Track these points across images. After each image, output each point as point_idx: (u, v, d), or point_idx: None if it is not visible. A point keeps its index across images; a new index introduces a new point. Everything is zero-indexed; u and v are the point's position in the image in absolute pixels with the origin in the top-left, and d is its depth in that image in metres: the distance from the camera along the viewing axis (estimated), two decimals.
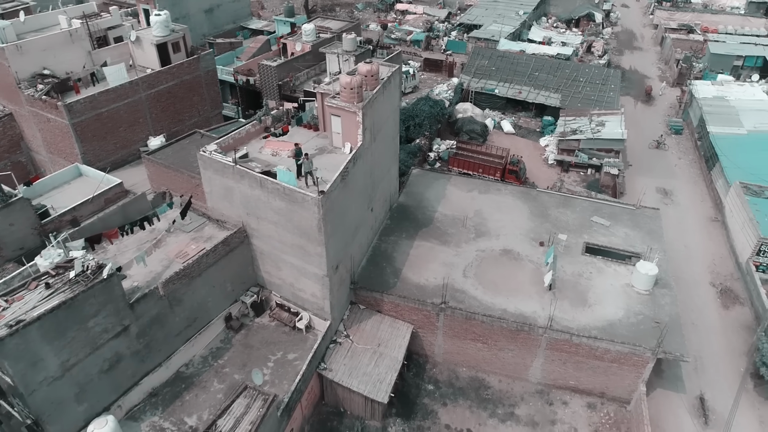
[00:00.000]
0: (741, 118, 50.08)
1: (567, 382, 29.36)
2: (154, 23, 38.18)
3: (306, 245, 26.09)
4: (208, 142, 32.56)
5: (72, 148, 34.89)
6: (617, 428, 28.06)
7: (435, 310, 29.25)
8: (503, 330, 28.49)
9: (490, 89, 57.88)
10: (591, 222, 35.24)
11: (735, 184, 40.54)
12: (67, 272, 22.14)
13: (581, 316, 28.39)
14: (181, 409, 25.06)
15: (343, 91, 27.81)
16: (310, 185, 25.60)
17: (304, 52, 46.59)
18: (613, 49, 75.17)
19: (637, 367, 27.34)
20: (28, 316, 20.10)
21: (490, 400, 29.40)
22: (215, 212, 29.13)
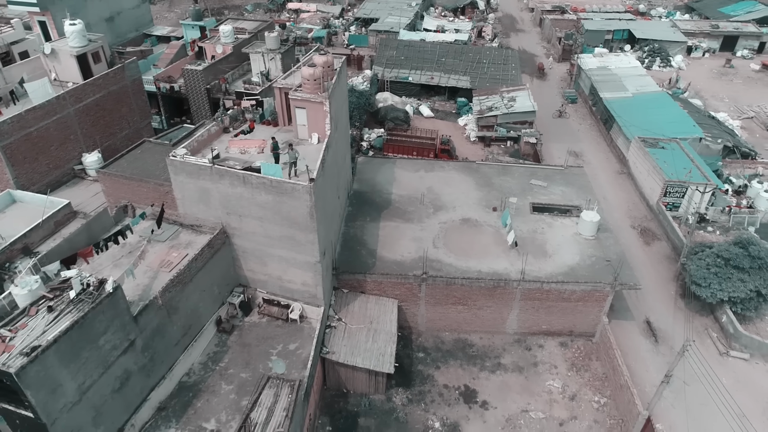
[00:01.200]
0: (625, 83, 57.17)
1: (540, 327, 32.63)
2: (71, 33, 35.86)
3: (296, 235, 26.65)
4: (162, 150, 31.83)
5: (2, 173, 32.00)
6: (589, 358, 31.81)
7: (417, 281, 31.07)
8: (481, 289, 31.03)
9: (404, 77, 60.57)
10: (530, 185, 38.97)
11: (635, 139, 46.59)
12: (66, 293, 21.01)
13: (545, 265, 31.69)
14: (195, 417, 24.68)
15: (306, 83, 28.58)
16: (292, 176, 26.17)
17: (226, 54, 45.89)
18: (500, 33, 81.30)
19: (599, 302, 31.19)
20: (42, 341, 18.98)
21: (477, 356, 31.89)
22: (188, 218, 28.60)
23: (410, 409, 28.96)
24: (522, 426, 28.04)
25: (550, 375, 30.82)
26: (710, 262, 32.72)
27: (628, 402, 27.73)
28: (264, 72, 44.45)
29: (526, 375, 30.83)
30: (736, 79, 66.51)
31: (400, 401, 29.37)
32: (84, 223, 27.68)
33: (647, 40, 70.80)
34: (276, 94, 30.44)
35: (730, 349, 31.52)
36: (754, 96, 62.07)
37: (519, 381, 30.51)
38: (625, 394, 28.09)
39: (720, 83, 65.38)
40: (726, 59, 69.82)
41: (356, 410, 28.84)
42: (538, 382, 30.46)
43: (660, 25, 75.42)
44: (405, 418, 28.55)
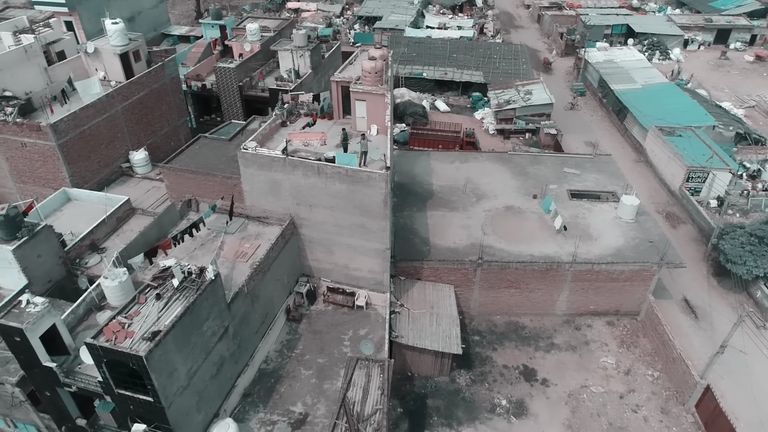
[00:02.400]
0: (633, 76, 59.19)
1: (587, 307, 34.00)
2: (113, 32, 35.98)
3: (367, 223, 27.46)
4: (219, 145, 32.34)
5: (57, 171, 32.07)
6: (636, 336, 33.29)
7: (473, 266, 32.14)
8: (534, 272, 32.24)
9: (418, 73, 61.63)
10: (564, 173, 40.37)
11: (652, 128, 48.43)
12: (168, 281, 21.50)
13: (592, 248, 33.05)
14: (281, 401, 25.35)
15: (367, 76, 29.38)
16: (362, 165, 26.97)
17: (254, 52, 46.32)
18: (501, 29, 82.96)
19: (645, 281, 32.69)
20: (159, 326, 19.50)
21: (530, 337, 33.11)
22: (255, 210, 29.18)
23: (475, 389, 30.00)
24: (585, 400, 29.33)
25: (602, 352, 32.19)
26: (744, 241, 34.50)
27: (683, 374, 29.22)
28: (295, 69, 44.97)
29: (580, 353, 32.15)
30: (732, 70, 69.23)
31: (464, 382, 30.39)
32: (155, 218, 28.07)
33: (646, 34, 73.11)
34: (333, 87, 31.17)
35: (766, 323, 33.27)
36: (751, 86, 64.73)
37: (574, 359, 31.80)
38: (679, 366, 29.59)
39: (718, 74, 67.95)
40: (721, 51, 72.56)
41: (423, 392, 29.76)
42: (591, 359, 31.80)
43: (657, 19, 77.91)
44: (471, 397, 29.57)
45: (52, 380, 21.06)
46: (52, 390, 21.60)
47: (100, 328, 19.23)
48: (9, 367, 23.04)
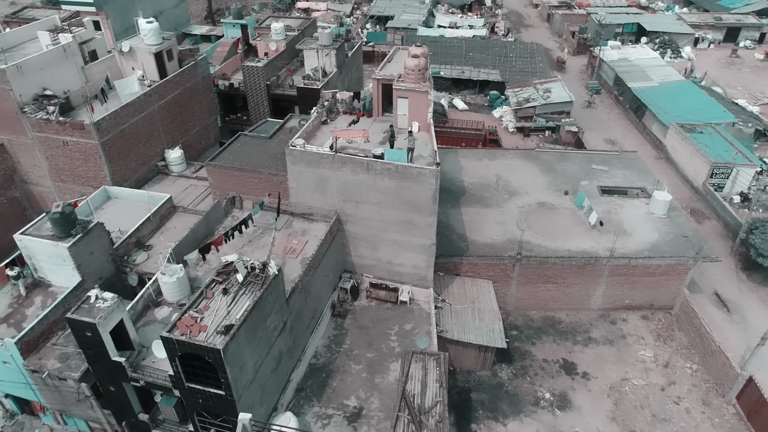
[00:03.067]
0: (648, 74, 59.74)
1: (622, 302, 34.42)
2: (148, 31, 36.12)
3: (415, 218, 27.76)
4: (259, 142, 32.56)
5: (98, 170, 32.19)
6: (671, 329, 33.74)
7: (511, 262, 32.50)
8: (572, 267, 32.64)
9: (436, 72, 61.91)
10: (592, 169, 40.80)
11: (673, 125, 48.94)
12: (232, 276, 21.74)
13: (628, 243, 33.46)
14: (334, 395, 25.61)
15: (411, 73, 29.71)
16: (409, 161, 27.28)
17: (279, 51, 46.52)
18: (512, 29, 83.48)
19: (680, 275, 33.15)
20: (231, 320, 19.74)
21: (567, 332, 33.50)
22: (300, 206, 29.42)
23: (517, 383, 30.35)
24: (627, 392, 29.74)
25: (639, 346, 32.62)
26: None
27: (722, 366, 29.67)
28: (320, 67, 45.16)
29: (618, 347, 32.57)
30: (743, 68, 69.96)
31: (506, 376, 30.74)
32: (203, 216, 28.27)
33: (657, 32, 73.73)
34: (373, 85, 31.45)
35: None
36: (763, 83, 65.46)
37: (612, 352, 32.21)
38: (717, 359, 30.04)
39: (730, 72, 68.66)
40: (732, 49, 73.28)
41: (467, 386, 30.09)
42: (629, 352, 32.21)
43: (667, 18, 78.59)
44: (514, 391, 29.93)
45: (119, 375, 21.25)
46: (117, 385, 21.78)
47: (173, 323, 19.43)
48: (70, 363, 23.25)
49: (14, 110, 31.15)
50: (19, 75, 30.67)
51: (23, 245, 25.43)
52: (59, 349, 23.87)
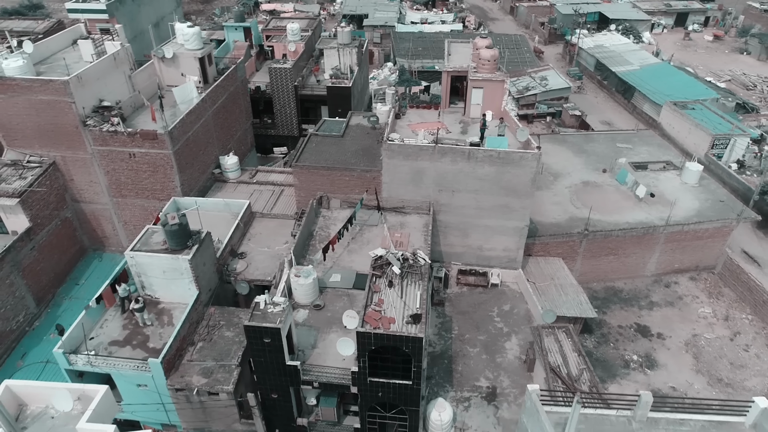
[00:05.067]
0: (627, 58, 63.99)
1: (672, 266, 37.24)
2: (190, 36, 34.94)
3: (511, 202, 28.91)
4: (332, 141, 32.52)
5: (168, 181, 30.92)
6: (718, 287, 36.89)
7: (579, 238, 34.38)
8: (632, 238, 34.97)
9: (430, 66, 63.24)
10: (618, 148, 43.58)
11: (667, 103, 52.87)
12: (387, 269, 21.99)
13: (676, 211, 36.13)
14: (464, 379, 26.37)
15: (486, 63, 30.82)
16: None
17: (299, 52, 46.14)
18: (482, 22, 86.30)
19: (723, 236, 36.36)
20: (410, 310, 20.06)
21: (630, 299, 35.86)
22: (391, 201, 29.78)
23: (603, 350, 32.25)
24: (703, 345, 32.40)
25: (697, 304, 35.49)
26: None
27: None
28: (349, 66, 45.18)
29: (679, 307, 35.28)
30: (698, 49, 76.30)
31: (591, 344, 32.57)
32: (305, 218, 28.01)
33: (619, 20, 78.82)
34: (444, 77, 32.26)
35: None
36: (718, 62, 71.74)
37: (675, 313, 34.86)
38: None
39: (687, 53, 74.63)
40: (684, 33, 79.64)
41: None
42: (690, 311, 34.99)
43: (625, 6, 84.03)
44: (603, 357, 31.80)
45: (289, 380, 20.97)
46: (283, 391, 21.45)
47: (361, 318, 19.50)
48: (217, 376, 22.58)
49: (75, 124, 29.33)
50: (80, 86, 28.93)
51: (134, 262, 24.33)
52: (198, 365, 23.09)
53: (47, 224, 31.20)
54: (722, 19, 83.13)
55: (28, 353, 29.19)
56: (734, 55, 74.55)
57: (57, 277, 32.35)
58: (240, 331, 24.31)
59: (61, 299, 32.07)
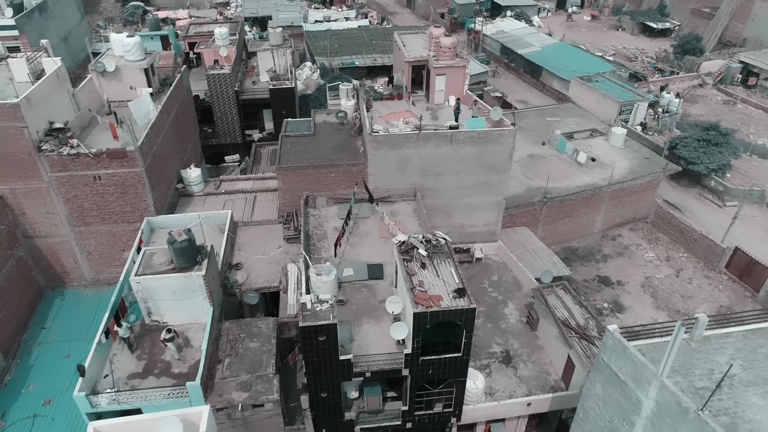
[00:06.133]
0: (528, 41, 69.17)
1: (615, 221, 41.52)
2: (132, 46, 32.85)
3: (490, 178, 30.76)
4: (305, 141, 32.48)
5: (139, 201, 29.00)
6: (654, 233, 41.71)
7: (540, 205, 37.27)
8: (584, 200, 38.57)
9: (351, 63, 64.08)
10: (548, 121, 47.43)
11: (574, 78, 58.01)
12: (414, 251, 22.75)
13: (611, 172, 40.39)
14: (477, 348, 27.75)
15: (447, 51, 32.29)
16: None
17: (232, 56, 44.86)
18: (385, 16, 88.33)
19: (654, 188, 41.24)
20: (449, 287, 21.04)
21: (586, 255, 39.54)
22: (378, 191, 30.43)
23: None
24: (657, 285, 36.66)
25: (641, 251, 39.97)
26: (696, 146, 44.98)
27: (707, 246, 38.11)
28: (275, 67, 44.70)
29: (628, 256, 39.52)
30: (581, 29, 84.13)
31: None
32: (303, 220, 27.82)
33: (509, 6, 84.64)
34: (405, 68, 33.30)
35: (724, 203, 44.18)
36: (600, 39, 79.68)
37: (626, 261, 39.03)
38: (702, 243, 38.46)
39: (573, 33, 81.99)
40: (567, 15, 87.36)
41: None
42: (637, 257, 39.35)
43: None
44: None
45: (341, 375, 21.07)
46: (334, 388, 21.47)
47: (411, 300, 20.12)
48: (257, 388, 22.03)
49: (27, 151, 26.59)
50: (30, 109, 26.29)
51: (141, 287, 22.93)
52: (233, 380, 22.36)
53: (0, 268, 28.05)
54: (596, 0, 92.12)
55: (7, 411, 26.23)
56: (612, 32, 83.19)
57: (19, 324, 29.23)
58: (265, 340, 23.89)
59: (29, 347, 29.02)
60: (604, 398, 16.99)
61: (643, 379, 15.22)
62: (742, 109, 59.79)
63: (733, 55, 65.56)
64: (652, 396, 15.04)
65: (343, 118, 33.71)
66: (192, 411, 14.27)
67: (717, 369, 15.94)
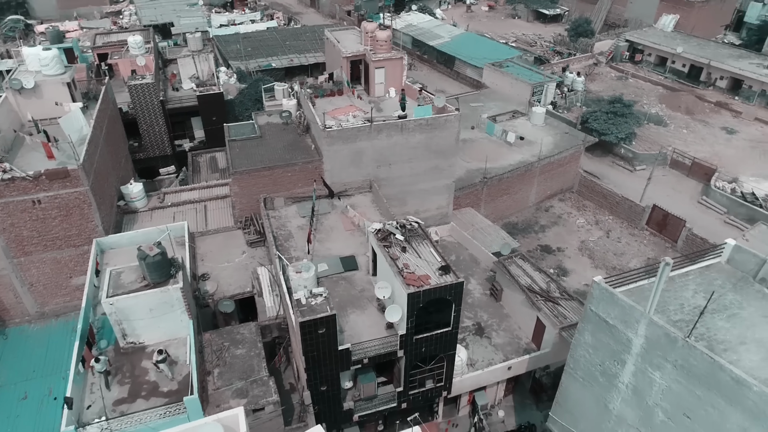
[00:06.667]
0: (437, 33, 71.89)
1: (546, 193, 44.64)
2: (50, 60, 30.62)
3: (440, 163, 32.12)
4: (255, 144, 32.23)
5: (85, 222, 27.16)
6: (581, 201, 45.32)
7: (481, 185, 39.32)
8: (518, 176, 41.17)
9: (267, 65, 63.27)
10: (472, 107, 49.84)
11: (487, 65, 61.30)
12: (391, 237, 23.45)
13: (539, 148, 43.39)
14: None
15: (383, 44, 33.18)
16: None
17: (150, 65, 42.94)
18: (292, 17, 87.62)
19: (576, 159, 44.73)
20: (431, 266, 22.01)
21: (525, 228, 42.22)
22: (334, 186, 30.75)
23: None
24: (592, 247, 39.98)
25: (573, 218, 43.32)
26: (606, 119, 49.33)
27: (628, 207, 42.14)
28: (197, 73, 43.45)
29: (562, 224, 42.69)
30: (482, 18, 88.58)
31: None
32: (266, 223, 27.55)
33: (413, 1, 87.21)
34: (344, 63, 33.76)
35: (635, 167, 48.90)
36: (499, 27, 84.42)
37: (561, 229, 42.15)
38: (623, 204, 42.45)
39: (474, 23, 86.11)
40: (466, 6, 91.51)
41: None
42: (570, 224, 42.64)
43: None
44: None
45: (339, 365, 21.36)
46: (333, 380, 21.71)
47: (404, 281, 20.83)
48: (254, 392, 21.77)
49: None
50: None
51: (114, 309, 21.78)
52: (227, 389, 21.93)
53: None
54: None
55: None
56: (509, 20, 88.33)
57: None
58: (251, 345, 23.59)
59: None
60: (594, 344, 18.73)
61: (632, 319, 17.03)
62: (633, 83, 66.12)
63: (620, 34, 72.17)
64: (641, 333, 16.88)
65: (287, 118, 33.59)
66: (225, 415, 14.07)
67: (686, 303, 18.15)
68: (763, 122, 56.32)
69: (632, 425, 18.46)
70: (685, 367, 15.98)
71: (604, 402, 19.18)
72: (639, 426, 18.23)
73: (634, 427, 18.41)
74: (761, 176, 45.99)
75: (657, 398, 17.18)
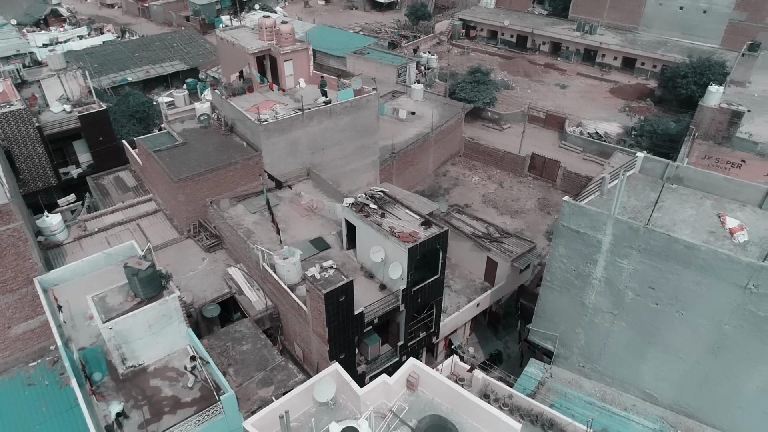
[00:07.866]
0: None
1: (441, 159, 49.11)
2: None
3: (366, 141, 34.34)
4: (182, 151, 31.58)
5: (22, 261, 24.42)
6: (469, 162, 50.68)
7: (391, 160, 42.28)
8: (419, 147, 44.89)
9: (122, 80, 59.23)
10: None
11: (349, 54, 64.17)
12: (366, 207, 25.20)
13: (428, 120, 47.52)
14: None
15: (288, 37, 34.16)
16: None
17: (14, 90, 38.37)
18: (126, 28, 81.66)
19: (460, 126, 49.80)
20: (413, 223, 24.38)
21: (434, 194, 46.18)
22: (278, 177, 31.36)
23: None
24: (493, 198, 45.30)
25: (468, 178, 48.40)
26: (471, 88, 55.33)
27: (511, 160, 48.38)
28: (66, 93, 39.97)
29: (461, 184, 47.51)
30: (321, 12, 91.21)
31: None
32: (223, 224, 27.34)
33: (251, 1, 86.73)
34: (251, 60, 34.02)
35: (502, 127, 55.73)
36: (342, 18, 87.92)
37: (463, 189, 46.95)
38: (506, 158, 48.61)
39: (317, 17, 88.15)
40: (304, 2, 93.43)
41: None
42: (468, 183, 47.65)
43: None
44: None
45: (355, 330, 22.72)
46: (348, 345, 22.97)
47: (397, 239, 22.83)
48: (277, 381, 22.20)
49: None
50: None
51: (113, 333, 20.68)
52: (249, 382, 22.08)
53: None
54: None
55: None
56: (348, 12, 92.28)
57: None
58: (254, 339, 23.83)
59: None
60: (567, 254, 22.69)
61: (599, 223, 21.18)
62: (474, 56, 74.07)
63: (454, 15, 79.97)
64: (609, 232, 21.10)
65: (206, 121, 33.00)
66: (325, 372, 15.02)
67: (626, 205, 22.90)
68: (584, 76, 67.39)
69: (607, 311, 22.84)
70: (647, 249, 20.51)
71: (581, 300, 23.34)
72: (612, 310, 22.66)
73: (609, 312, 22.81)
74: (596, 119, 55.57)
75: (626, 281, 21.64)
